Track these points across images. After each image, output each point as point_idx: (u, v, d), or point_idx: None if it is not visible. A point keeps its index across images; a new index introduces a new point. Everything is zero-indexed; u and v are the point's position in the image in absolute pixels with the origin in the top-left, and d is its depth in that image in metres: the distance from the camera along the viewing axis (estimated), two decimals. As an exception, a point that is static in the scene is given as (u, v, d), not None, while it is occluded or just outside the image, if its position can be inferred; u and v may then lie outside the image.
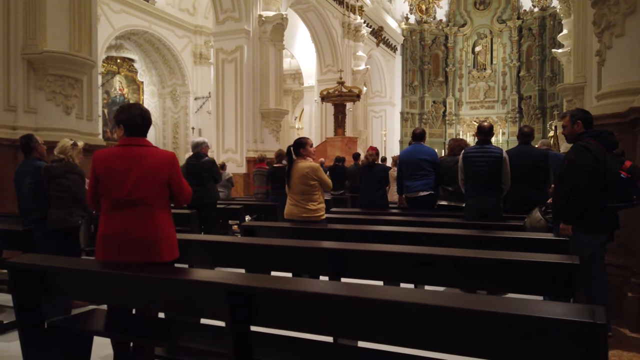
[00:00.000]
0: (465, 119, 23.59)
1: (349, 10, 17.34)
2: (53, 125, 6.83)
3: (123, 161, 2.63)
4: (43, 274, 2.40)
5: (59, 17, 6.94)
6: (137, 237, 2.57)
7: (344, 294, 1.62)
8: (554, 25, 20.98)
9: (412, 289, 2.21)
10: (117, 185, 2.61)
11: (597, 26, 4.09)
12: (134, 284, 2.18)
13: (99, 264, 2.35)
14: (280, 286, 1.76)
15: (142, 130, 2.71)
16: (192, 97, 20.16)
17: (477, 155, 4.62)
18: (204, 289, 1.92)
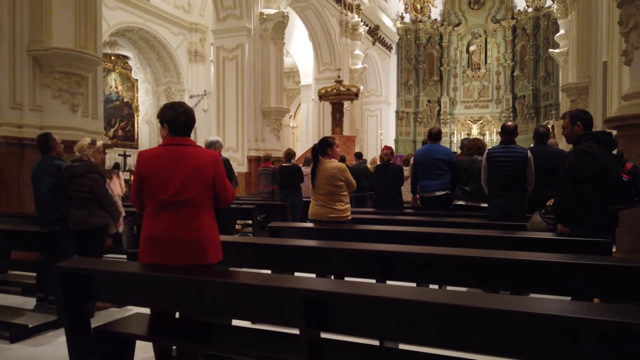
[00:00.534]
0: (459, 118, 23.70)
1: (347, 8, 17.29)
2: (59, 124, 6.68)
3: (168, 161, 2.56)
4: (91, 277, 2.32)
5: (64, 13, 6.80)
6: (182, 239, 2.50)
7: (447, 302, 1.57)
8: (548, 25, 21.16)
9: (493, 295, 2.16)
10: (162, 186, 2.54)
11: (624, 26, 4.09)
12: (196, 289, 2.11)
13: (159, 268, 2.27)
14: (361, 292, 1.71)
15: (186, 130, 2.64)
16: (187, 95, 19.97)
17: (501, 155, 4.60)
18: (278, 295, 1.86)
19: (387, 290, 1.80)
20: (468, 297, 1.64)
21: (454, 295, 1.68)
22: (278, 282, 1.85)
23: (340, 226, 4.16)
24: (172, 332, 2.53)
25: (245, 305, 1.99)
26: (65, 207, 4.22)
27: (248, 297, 1.97)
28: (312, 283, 1.81)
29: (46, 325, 3.62)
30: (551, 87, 21.01)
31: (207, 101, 19.87)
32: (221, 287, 2.02)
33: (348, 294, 1.73)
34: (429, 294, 1.75)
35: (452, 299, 1.63)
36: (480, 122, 23.26)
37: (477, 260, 2.67)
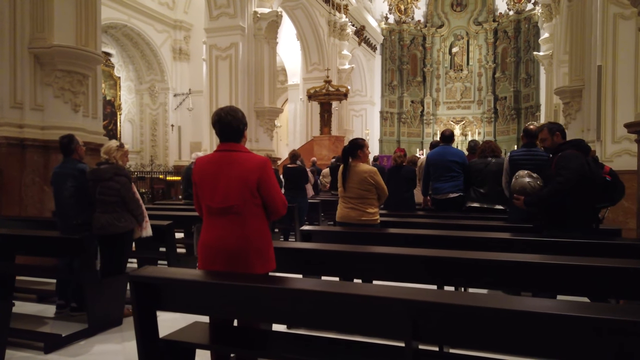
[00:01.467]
0: (442, 118, 24.01)
1: (335, 8, 17.30)
2: (61, 124, 6.48)
3: (214, 167, 2.51)
4: (157, 287, 2.25)
5: (65, 9, 6.59)
6: (227, 247, 2.44)
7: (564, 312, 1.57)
8: (529, 28, 21.63)
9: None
10: (209, 192, 2.49)
11: (647, 33, 4.20)
12: (284, 298, 2.07)
13: (239, 277, 2.21)
14: (470, 303, 1.70)
15: (230, 135, 2.55)
16: (171, 93, 19.67)
17: (524, 159, 4.67)
18: (381, 305, 1.83)
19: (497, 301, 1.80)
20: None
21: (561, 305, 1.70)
22: (380, 293, 1.83)
23: (370, 229, 4.16)
24: (232, 339, 2.48)
25: (341, 316, 1.96)
26: (88, 212, 4.09)
27: (346, 308, 1.94)
28: (418, 294, 1.80)
29: (79, 334, 3.50)
30: (532, 89, 21.49)
31: (192, 100, 19.61)
32: (314, 297, 1.98)
33: (460, 305, 1.72)
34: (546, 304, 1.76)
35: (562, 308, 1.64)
36: (463, 123, 23.62)
37: (533, 265, 2.70)
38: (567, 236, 3.60)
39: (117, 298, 3.82)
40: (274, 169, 7.92)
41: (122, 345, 3.43)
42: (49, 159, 6.39)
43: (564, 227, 3.67)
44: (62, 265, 4.23)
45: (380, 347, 2.31)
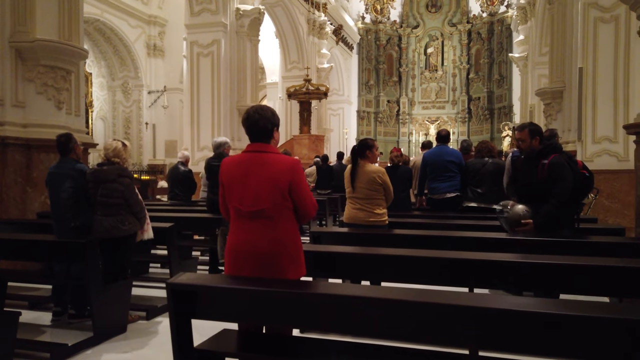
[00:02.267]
0: (417, 118, 24.28)
1: (314, 7, 17.23)
2: (43, 121, 6.20)
3: (243, 168, 2.40)
4: (194, 294, 2.15)
5: (49, 2, 6.30)
6: (257, 252, 2.34)
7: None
8: (502, 30, 22.09)
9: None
10: (238, 194, 2.39)
11: (647, 37, 4.31)
12: (329, 304, 1.99)
13: (281, 283, 2.13)
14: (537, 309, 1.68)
15: (259, 136, 2.46)
16: (145, 90, 19.20)
17: (524, 159, 4.72)
18: (444, 312, 1.79)
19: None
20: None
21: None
22: (441, 299, 1.78)
23: (379, 231, 4.12)
24: (264, 347, 2.40)
25: (397, 323, 1.90)
26: (86, 214, 3.91)
27: (404, 315, 1.88)
28: (483, 300, 1.76)
29: (85, 343, 3.32)
30: (505, 90, 21.97)
31: (167, 97, 19.19)
32: (364, 303, 1.92)
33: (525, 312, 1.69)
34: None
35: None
36: (438, 123, 23.93)
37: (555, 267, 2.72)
38: (576, 236, 3.68)
39: (121, 304, 3.66)
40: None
41: (132, 354, 3.28)
42: (31, 158, 6.11)
43: (555, 227, 3.70)
44: (59, 270, 4.02)
45: (420, 354, 2.28)
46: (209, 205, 5.71)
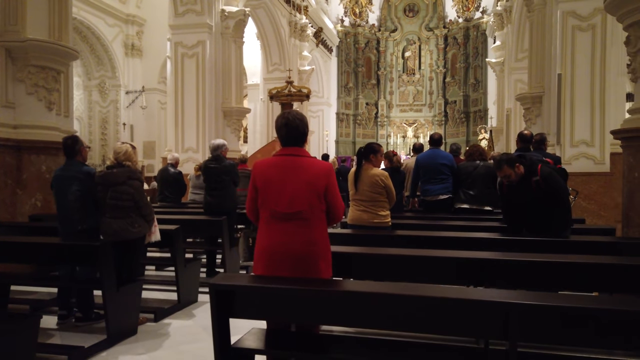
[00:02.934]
0: (395, 120, 24.62)
1: (296, 9, 17.30)
2: (34, 122, 6.10)
3: (280, 171, 2.49)
4: (232, 294, 2.22)
5: (39, 2, 6.21)
6: (294, 253, 2.43)
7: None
8: (477, 35, 22.62)
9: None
10: (275, 196, 2.47)
11: (632, 46, 4.56)
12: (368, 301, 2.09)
13: (318, 282, 2.21)
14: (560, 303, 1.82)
15: (293, 140, 2.56)
16: (122, 90, 18.90)
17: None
18: (477, 308, 1.91)
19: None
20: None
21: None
22: (474, 295, 1.90)
23: (382, 232, 4.24)
24: (291, 344, 2.49)
25: (428, 317, 2.02)
26: (93, 217, 3.90)
27: (436, 310, 2.00)
28: (512, 296, 1.89)
29: (100, 346, 3.33)
30: (480, 94, 22.50)
31: (145, 98, 18.94)
32: (401, 301, 2.02)
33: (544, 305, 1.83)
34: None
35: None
36: (415, 125, 24.34)
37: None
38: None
39: (132, 307, 3.66)
40: (249, 169, 7.66)
41: (148, 356, 3.29)
42: (22, 160, 6.00)
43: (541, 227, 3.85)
44: (64, 273, 3.99)
45: (441, 348, 2.40)
46: (207, 207, 5.73)
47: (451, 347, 2.37)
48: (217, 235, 5.63)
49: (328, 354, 2.44)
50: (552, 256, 2.93)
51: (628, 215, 4.65)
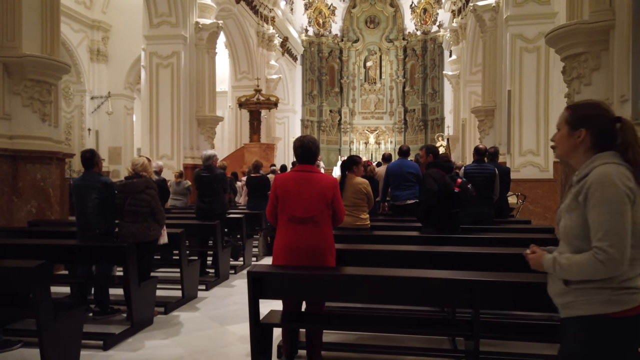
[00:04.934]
0: (358, 127, 25.55)
1: (263, 20, 17.88)
2: (29, 133, 6.44)
3: (297, 184, 3.13)
4: (262, 279, 2.83)
5: (33, 18, 6.57)
6: (310, 247, 3.08)
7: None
8: (434, 48, 23.90)
9: None
10: (293, 204, 3.10)
11: (567, 75, 5.46)
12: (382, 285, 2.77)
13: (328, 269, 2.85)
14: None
15: (306, 159, 3.20)
16: (88, 96, 18.82)
17: (476, 172, 5.74)
18: (449, 285, 2.61)
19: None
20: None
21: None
22: (447, 275, 2.61)
23: (364, 232, 4.92)
24: (302, 319, 3.13)
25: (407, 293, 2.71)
26: (110, 222, 4.38)
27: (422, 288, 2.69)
28: (475, 275, 2.61)
29: (126, 333, 3.83)
30: (437, 103, 23.76)
31: (111, 103, 18.95)
32: (391, 281, 2.71)
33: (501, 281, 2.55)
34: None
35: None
36: (376, 132, 25.35)
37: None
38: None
39: (150, 300, 4.17)
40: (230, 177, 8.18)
41: (171, 340, 3.82)
42: (18, 169, 6.31)
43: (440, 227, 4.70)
44: (82, 272, 4.45)
45: (415, 318, 3.10)
46: (199, 213, 6.24)
47: (426, 317, 3.07)
48: (208, 237, 6.16)
49: (330, 325, 3.10)
50: (502, 249, 3.70)
51: (565, 217, 5.52)
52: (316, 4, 24.56)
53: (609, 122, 1.69)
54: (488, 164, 5.91)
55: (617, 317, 1.59)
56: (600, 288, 1.60)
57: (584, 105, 1.78)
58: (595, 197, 1.59)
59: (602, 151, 1.68)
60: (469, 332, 2.68)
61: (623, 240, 1.55)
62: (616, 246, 1.54)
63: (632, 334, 1.61)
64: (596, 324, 1.61)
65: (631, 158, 1.64)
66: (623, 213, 1.56)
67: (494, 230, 5.40)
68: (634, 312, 1.59)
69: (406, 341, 3.51)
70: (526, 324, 3.03)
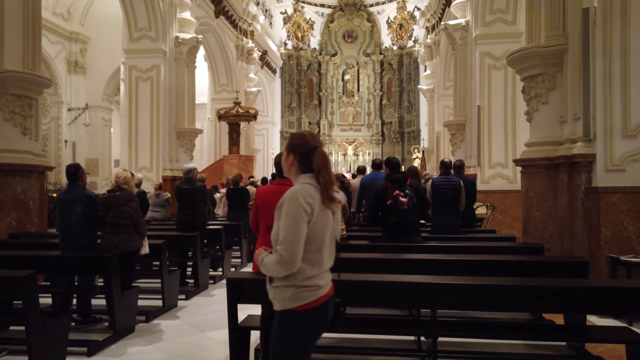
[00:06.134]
0: (336, 139, 25.93)
1: (242, 34, 18.17)
2: (10, 147, 6.55)
3: (275, 196, 3.36)
4: (240, 286, 3.06)
5: (15, 33, 6.70)
6: None
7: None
8: (410, 62, 24.53)
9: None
10: (271, 214, 3.34)
11: (527, 94, 5.87)
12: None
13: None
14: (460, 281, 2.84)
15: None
16: (65, 107, 18.76)
17: (442, 184, 6.07)
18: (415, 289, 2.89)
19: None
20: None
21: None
22: (413, 279, 2.88)
23: (341, 242, 5.19)
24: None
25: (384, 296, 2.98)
26: (92, 233, 4.55)
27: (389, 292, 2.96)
28: (437, 279, 2.89)
29: (109, 340, 3.99)
30: (413, 116, 24.33)
31: (89, 115, 18.91)
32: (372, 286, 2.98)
33: (461, 284, 2.84)
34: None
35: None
36: (355, 144, 25.77)
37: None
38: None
39: (132, 309, 4.34)
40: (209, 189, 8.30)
41: (153, 346, 4.00)
42: (-3, 182, 6.39)
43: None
44: (64, 282, 4.60)
45: (382, 319, 3.37)
46: (179, 224, 6.42)
47: (393, 319, 3.34)
48: (188, 248, 6.34)
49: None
50: (464, 255, 4.01)
51: (526, 226, 5.92)
52: (295, 18, 24.99)
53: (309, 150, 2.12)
54: (454, 176, 6.26)
55: (299, 310, 1.97)
56: (288, 286, 1.99)
57: (293, 135, 2.26)
58: (283, 210, 2.02)
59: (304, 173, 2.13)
60: (428, 331, 2.96)
61: (293, 245, 1.94)
62: (288, 250, 1.93)
63: (311, 324, 2.00)
64: (286, 317, 2.00)
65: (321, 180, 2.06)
66: (298, 224, 1.97)
67: (460, 239, 5.71)
68: (312, 306, 1.98)
69: (374, 343, 3.77)
70: (482, 323, 3.32)
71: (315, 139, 2.21)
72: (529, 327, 3.76)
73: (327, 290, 2.07)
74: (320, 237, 2.02)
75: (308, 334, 2.03)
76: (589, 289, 2.88)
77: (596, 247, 4.93)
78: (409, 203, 4.87)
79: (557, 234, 5.44)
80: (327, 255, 2.07)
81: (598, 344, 3.62)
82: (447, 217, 6.02)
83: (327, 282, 2.09)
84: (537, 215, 5.66)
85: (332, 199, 2.06)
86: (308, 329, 2.02)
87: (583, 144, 5.09)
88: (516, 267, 3.92)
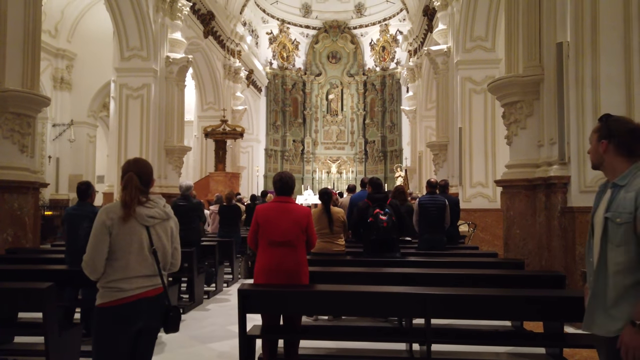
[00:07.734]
0: (320, 157, 26.34)
1: (230, 53, 18.53)
2: (9, 164, 6.69)
3: (276, 213, 3.65)
4: (249, 296, 3.31)
5: (15, 53, 6.88)
6: (287, 269, 3.59)
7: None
8: (392, 83, 25.21)
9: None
10: (272, 230, 3.61)
11: (507, 119, 6.29)
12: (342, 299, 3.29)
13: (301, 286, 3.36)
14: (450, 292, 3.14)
15: (284, 191, 3.75)
16: (50, 123, 18.75)
17: (429, 203, 6.42)
18: (405, 298, 3.18)
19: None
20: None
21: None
22: (404, 290, 3.17)
23: (341, 257, 5.47)
24: (283, 331, 3.61)
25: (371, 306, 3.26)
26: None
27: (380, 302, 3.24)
28: (427, 290, 3.18)
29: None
30: (396, 135, 24.91)
31: (74, 131, 18.91)
32: (361, 296, 3.25)
33: (450, 294, 3.14)
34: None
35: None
36: (338, 162, 26.20)
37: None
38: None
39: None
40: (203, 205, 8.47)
41: (156, 357, 4.15)
42: (-4, 198, 6.50)
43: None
44: (69, 295, 4.76)
45: (378, 328, 3.64)
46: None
47: (385, 328, 3.61)
48: (183, 264, 6.51)
49: (305, 335, 3.60)
50: (451, 269, 4.32)
51: (507, 243, 6.29)
52: (280, 38, 25.52)
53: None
54: (439, 195, 6.62)
55: (104, 307, 2.38)
56: (100, 287, 2.43)
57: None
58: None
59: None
60: (422, 338, 3.24)
61: (92, 253, 2.42)
62: (88, 256, 2.43)
63: (111, 320, 2.37)
64: (95, 313, 2.42)
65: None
66: (101, 238, 2.41)
67: (445, 254, 6.03)
68: (112, 304, 2.37)
69: (368, 352, 4.03)
70: (473, 331, 3.62)
71: (131, 165, 2.56)
72: (512, 335, 4.07)
73: (135, 293, 2.40)
74: (125, 247, 2.42)
75: (110, 328, 2.38)
76: (564, 298, 3.20)
77: (572, 262, 5.30)
78: (389, 221, 5.13)
79: (536, 250, 5.80)
80: (135, 262, 2.42)
81: (575, 350, 3.95)
82: (433, 234, 6.35)
83: (136, 286, 2.41)
84: (517, 233, 6.04)
85: (129, 214, 2.41)
86: (109, 323, 2.38)
87: (559, 167, 5.49)
88: (499, 280, 4.25)
